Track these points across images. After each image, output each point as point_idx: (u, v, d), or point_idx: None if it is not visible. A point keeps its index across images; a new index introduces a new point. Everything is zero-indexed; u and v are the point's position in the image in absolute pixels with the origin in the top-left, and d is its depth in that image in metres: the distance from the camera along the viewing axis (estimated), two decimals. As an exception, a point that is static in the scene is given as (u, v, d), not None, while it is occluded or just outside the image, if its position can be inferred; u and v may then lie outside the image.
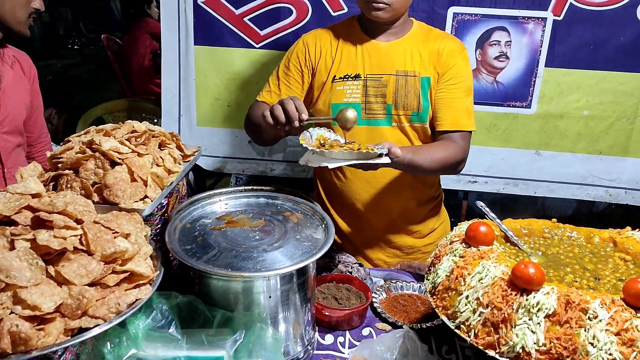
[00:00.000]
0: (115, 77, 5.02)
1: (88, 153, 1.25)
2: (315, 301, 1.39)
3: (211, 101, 2.53)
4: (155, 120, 3.47)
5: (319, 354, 1.35)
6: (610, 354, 0.95)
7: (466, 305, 1.10)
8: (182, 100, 2.54)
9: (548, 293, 1.02)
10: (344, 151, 1.37)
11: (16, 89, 1.82)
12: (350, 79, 1.74)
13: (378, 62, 1.73)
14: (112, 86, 5.87)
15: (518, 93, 2.39)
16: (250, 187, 1.56)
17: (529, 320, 1.01)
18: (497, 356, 1.03)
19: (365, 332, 1.44)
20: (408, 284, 1.63)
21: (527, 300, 1.02)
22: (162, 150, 1.40)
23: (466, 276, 1.14)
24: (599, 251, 1.32)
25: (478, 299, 1.08)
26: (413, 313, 1.50)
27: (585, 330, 0.97)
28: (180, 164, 1.42)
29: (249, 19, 2.39)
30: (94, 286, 1.00)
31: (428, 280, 1.28)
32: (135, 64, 4.63)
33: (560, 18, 2.27)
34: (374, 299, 1.53)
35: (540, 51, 2.32)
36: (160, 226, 1.36)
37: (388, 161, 1.42)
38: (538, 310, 1.01)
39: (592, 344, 0.96)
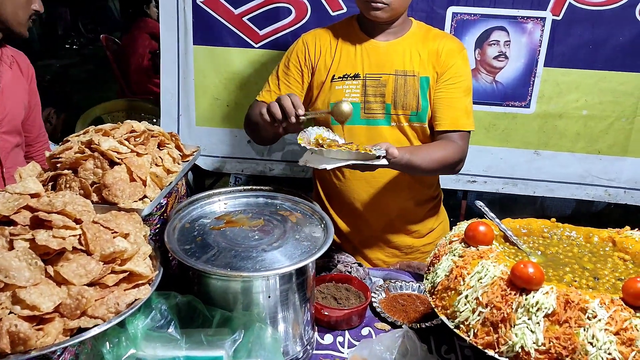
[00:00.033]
0: (114, 77, 5.02)
1: (87, 153, 1.25)
2: (314, 301, 1.39)
3: (210, 101, 2.53)
4: (154, 120, 3.47)
5: (318, 354, 1.35)
6: (609, 354, 0.95)
7: (465, 304, 1.10)
8: (181, 100, 2.54)
9: (547, 293, 1.02)
10: (342, 151, 1.37)
11: (15, 89, 1.82)
12: (349, 79, 1.74)
13: (377, 62, 1.73)
14: (111, 86, 5.86)
15: (517, 93, 2.39)
16: (249, 187, 1.56)
17: (528, 319, 1.01)
18: (497, 356, 1.03)
19: (364, 332, 1.44)
20: (407, 284, 1.63)
21: (527, 299, 1.02)
22: (161, 150, 1.40)
23: (465, 276, 1.14)
24: (598, 251, 1.32)
25: (477, 299, 1.08)
26: (412, 313, 1.50)
27: (584, 329, 0.97)
28: (179, 164, 1.42)
29: (248, 19, 2.39)
30: (93, 286, 1.00)
31: (427, 280, 1.28)
32: (134, 64, 4.63)
33: (559, 18, 2.27)
34: (373, 299, 1.53)
35: (539, 51, 2.32)
36: (159, 226, 1.36)
37: (385, 163, 1.42)
38: (537, 309, 1.01)
39: (591, 344, 0.96)
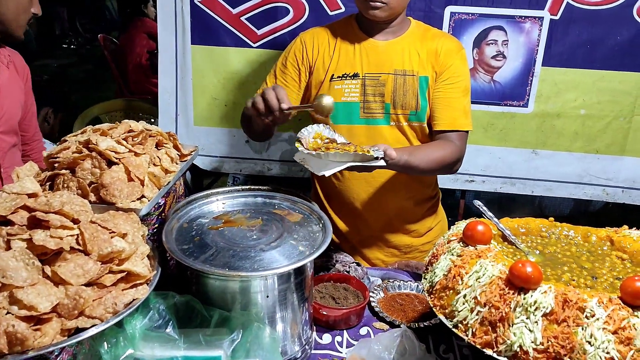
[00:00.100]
0: (112, 77, 5.01)
1: (85, 153, 1.24)
2: (312, 300, 1.39)
3: (208, 101, 2.52)
4: (152, 119, 3.47)
5: (317, 354, 1.35)
6: (607, 353, 0.95)
7: (464, 304, 1.10)
8: (179, 99, 2.53)
9: (545, 292, 1.02)
10: (340, 153, 1.36)
11: (11, 89, 1.81)
12: (348, 78, 1.73)
13: (376, 61, 1.73)
14: (109, 86, 5.86)
15: (515, 92, 2.39)
16: (247, 187, 1.55)
17: (527, 319, 1.01)
18: (495, 355, 1.03)
19: (363, 332, 1.44)
20: (406, 283, 1.63)
21: (525, 299, 1.02)
22: (159, 149, 1.40)
23: (464, 275, 1.14)
24: (596, 250, 1.32)
25: (475, 298, 1.08)
26: (411, 312, 1.50)
27: (582, 328, 0.97)
28: (177, 164, 1.41)
29: (246, 19, 2.39)
30: (91, 286, 1.00)
31: (426, 279, 1.28)
32: (132, 64, 4.62)
33: (557, 17, 2.27)
34: (372, 299, 1.53)
35: (537, 50, 2.32)
36: (157, 226, 1.35)
37: (383, 164, 1.42)
38: (535, 309, 1.01)
39: (590, 343, 0.96)
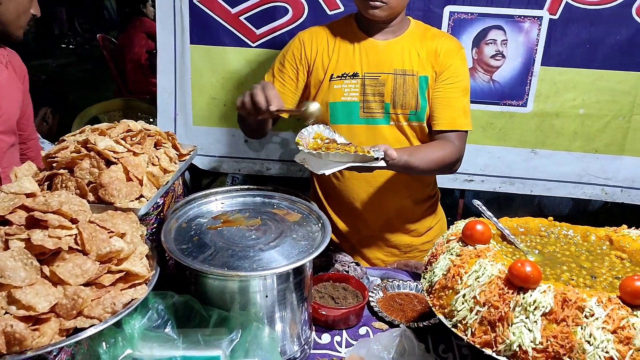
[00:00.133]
0: (110, 77, 5.01)
1: (83, 152, 1.24)
2: (312, 300, 1.38)
3: (207, 100, 2.52)
4: (151, 119, 3.46)
5: (316, 354, 1.34)
6: (606, 352, 0.95)
7: (463, 303, 1.10)
8: (178, 99, 2.53)
9: (545, 291, 1.02)
10: (341, 153, 1.36)
11: (10, 89, 1.81)
12: (348, 78, 1.73)
13: (376, 61, 1.73)
14: (108, 85, 5.86)
15: (514, 92, 2.39)
16: (246, 187, 1.55)
17: (526, 318, 1.01)
18: (494, 355, 1.03)
19: (362, 331, 1.44)
20: (405, 283, 1.63)
21: (524, 298, 1.02)
22: (158, 149, 1.40)
23: (463, 275, 1.14)
24: (595, 249, 1.32)
25: (475, 298, 1.08)
26: (410, 312, 1.50)
27: (581, 328, 0.97)
28: (176, 163, 1.41)
29: (245, 18, 2.39)
30: (89, 286, 1.00)
31: (425, 279, 1.28)
32: (130, 63, 4.62)
33: (556, 17, 2.27)
34: (371, 298, 1.53)
35: (536, 50, 2.32)
36: (156, 226, 1.35)
37: (384, 165, 1.42)
38: (535, 308, 1.01)
39: (589, 342, 0.96)
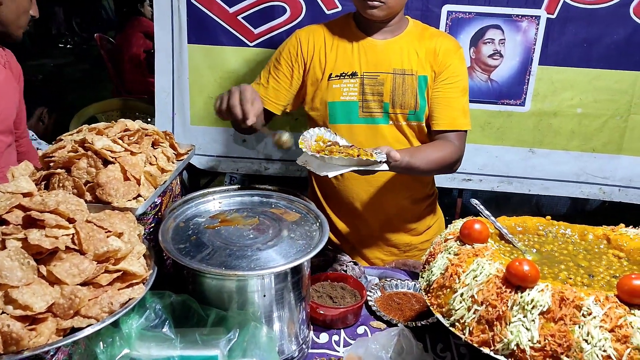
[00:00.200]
0: (108, 76, 5.00)
1: (80, 152, 1.24)
2: (309, 300, 1.38)
3: (205, 100, 2.52)
4: (148, 119, 3.46)
5: (314, 353, 1.34)
6: (604, 351, 0.95)
7: (461, 302, 1.10)
8: (176, 99, 2.53)
9: (542, 290, 1.02)
10: (344, 157, 1.36)
11: (8, 89, 1.81)
12: (346, 77, 1.73)
13: (375, 60, 1.72)
14: (106, 85, 5.85)
15: (512, 91, 2.39)
16: (244, 186, 1.55)
17: (524, 317, 1.01)
18: (492, 354, 1.03)
19: (360, 331, 1.44)
20: (403, 282, 1.63)
21: (522, 297, 1.02)
22: (156, 149, 1.39)
23: (461, 274, 1.14)
24: (593, 248, 1.32)
25: (473, 297, 1.08)
26: (408, 311, 1.50)
27: (579, 327, 0.97)
28: (173, 163, 1.41)
29: (243, 18, 2.38)
30: (87, 286, 0.99)
31: (423, 278, 1.28)
32: (128, 63, 4.61)
33: (553, 16, 2.28)
34: (369, 298, 1.53)
35: (534, 49, 2.33)
36: (153, 225, 1.35)
37: (386, 168, 1.42)
38: (532, 307, 1.01)
39: (586, 341, 0.96)
